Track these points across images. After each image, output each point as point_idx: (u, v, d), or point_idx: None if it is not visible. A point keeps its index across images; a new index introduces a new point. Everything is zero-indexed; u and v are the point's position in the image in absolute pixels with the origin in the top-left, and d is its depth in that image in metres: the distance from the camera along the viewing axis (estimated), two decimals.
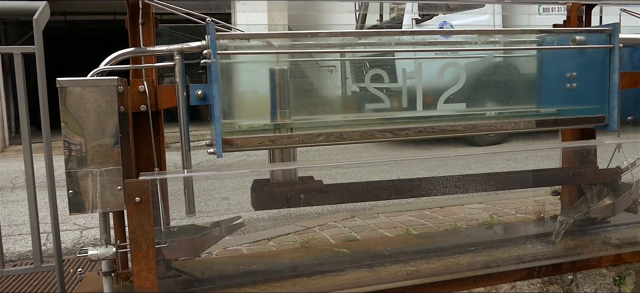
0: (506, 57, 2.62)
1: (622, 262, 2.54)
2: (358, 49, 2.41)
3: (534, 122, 2.50)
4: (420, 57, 2.30)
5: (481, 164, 6.29)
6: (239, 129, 2.14)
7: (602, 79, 2.40)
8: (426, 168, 5.85)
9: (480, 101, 2.41)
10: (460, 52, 2.39)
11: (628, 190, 2.65)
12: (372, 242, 2.81)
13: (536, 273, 2.43)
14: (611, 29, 2.33)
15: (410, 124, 2.21)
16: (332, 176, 5.28)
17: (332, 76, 2.55)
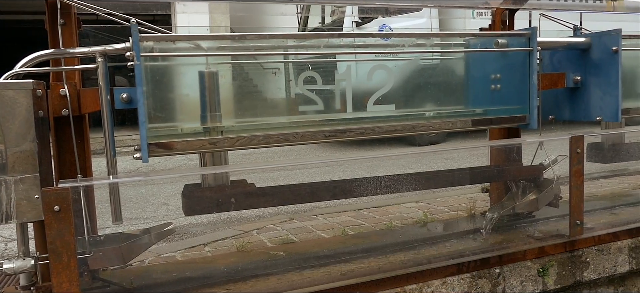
0: (437, 59, 2.70)
1: (545, 254, 2.66)
2: (290, 51, 2.41)
3: (463, 122, 2.59)
4: (360, 59, 2.34)
5: (420, 163, 6.45)
6: (171, 133, 2.10)
7: (523, 81, 2.51)
8: (368, 168, 5.94)
9: (414, 102, 2.47)
10: (399, 55, 2.45)
11: (550, 185, 2.79)
12: (309, 244, 2.82)
13: (466, 269, 2.50)
14: (530, 32, 2.45)
15: (347, 126, 2.24)
16: (273, 179, 5.27)
17: (268, 77, 2.54)
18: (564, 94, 2.93)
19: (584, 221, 2.75)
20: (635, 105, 3.10)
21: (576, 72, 2.81)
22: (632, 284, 3.03)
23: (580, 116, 2.84)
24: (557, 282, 2.68)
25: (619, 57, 2.59)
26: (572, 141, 2.58)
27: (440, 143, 8.27)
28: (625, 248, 2.86)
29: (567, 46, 2.78)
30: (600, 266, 2.79)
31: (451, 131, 2.51)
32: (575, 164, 2.61)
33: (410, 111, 2.39)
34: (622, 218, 3.03)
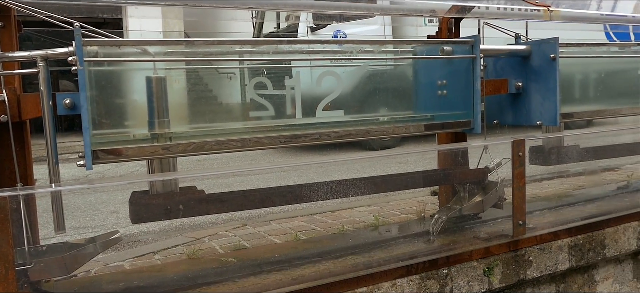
0: (387, 65, 2.76)
1: (490, 254, 2.75)
2: (243, 57, 2.41)
3: (410, 127, 2.66)
4: (315, 65, 2.36)
5: (375, 168, 6.55)
6: (118, 139, 2.06)
7: (467, 87, 2.60)
8: (323, 173, 5.97)
9: (364, 108, 2.51)
10: (352, 61, 2.49)
11: (494, 188, 2.89)
12: (261, 250, 2.81)
13: (415, 270, 2.56)
14: (473, 40, 2.54)
15: (300, 132, 2.25)
16: (228, 185, 5.22)
17: (220, 82, 2.52)
18: (507, 100, 3.04)
19: (526, 222, 2.86)
20: (579, 109, 3.27)
21: (518, 78, 2.92)
22: (573, 281, 3.17)
23: (522, 121, 2.96)
24: (502, 281, 2.78)
25: (556, 64, 2.71)
26: (514, 145, 2.69)
27: (394, 147, 8.41)
28: (565, 246, 2.99)
29: (509, 53, 2.89)
30: (542, 264, 2.91)
31: (398, 135, 2.56)
32: (517, 167, 2.72)
33: (360, 116, 2.43)
34: (562, 218, 3.17)
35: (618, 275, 3.36)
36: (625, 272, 3.40)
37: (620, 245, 3.23)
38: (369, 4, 3.03)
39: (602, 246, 3.15)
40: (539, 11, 2.79)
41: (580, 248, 3.05)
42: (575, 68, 3.25)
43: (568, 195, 3.80)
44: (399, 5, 3.12)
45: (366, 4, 3.00)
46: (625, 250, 3.26)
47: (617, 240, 3.21)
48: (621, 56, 3.26)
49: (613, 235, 3.19)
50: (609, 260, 3.28)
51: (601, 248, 3.15)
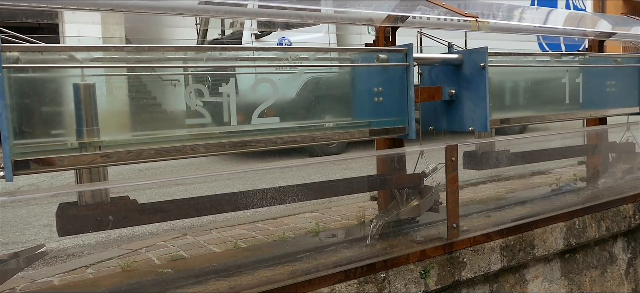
0: (325, 73, 2.79)
1: (426, 256, 2.82)
2: (177, 64, 2.37)
3: (347, 133, 2.70)
4: (259, 72, 2.36)
5: (320, 174, 6.58)
6: (44, 149, 1.97)
7: (402, 94, 2.66)
8: (270, 179, 5.94)
9: (306, 115, 2.53)
10: (294, 68, 2.51)
11: (430, 192, 2.97)
12: (199, 259, 2.77)
13: (353, 275, 2.59)
14: (406, 49, 2.61)
15: (241, 138, 2.24)
16: (171, 194, 5.09)
17: (155, 90, 2.47)
18: (441, 106, 3.14)
19: (460, 224, 2.96)
20: (508, 115, 3.42)
21: (451, 86, 3.03)
22: (505, 280, 3.30)
23: (455, 127, 3.06)
24: (437, 283, 2.85)
25: (486, 73, 2.83)
26: (447, 150, 2.78)
27: (339, 153, 8.48)
28: (497, 247, 3.11)
29: (442, 61, 2.99)
30: (476, 265, 3.01)
31: (336, 142, 2.59)
32: (450, 172, 2.81)
33: (297, 123, 2.44)
34: (494, 220, 3.30)
35: (547, 274, 3.53)
36: (554, 270, 3.57)
37: (549, 244, 3.39)
38: (306, 12, 3.05)
39: (532, 246, 3.29)
40: (468, 22, 2.90)
41: (512, 248, 3.18)
42: (507, 76, 3.40)
43: (501, 198, 3.96)
44: (337, 13, 3.17)
45: (305, 12, 3.02)
46: (553, 249, 3.43)
47: (545, 240, 3.36)
48: (546, 66, 3.44)
49: (542, 235, 3.35)
50: (539, 260, 3.43)
51: (531, 248, 3.29)
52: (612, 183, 4.08)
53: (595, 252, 3.86)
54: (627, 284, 4.07)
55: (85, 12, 8.88)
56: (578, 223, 3.58)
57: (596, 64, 3.67)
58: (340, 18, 3.23)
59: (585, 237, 3.64)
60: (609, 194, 3.90)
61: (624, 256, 4.06)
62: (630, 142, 4.12)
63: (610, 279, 3.95)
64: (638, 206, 3.99)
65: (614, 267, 3.99)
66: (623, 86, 3.88)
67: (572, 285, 3.68)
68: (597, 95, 3.72)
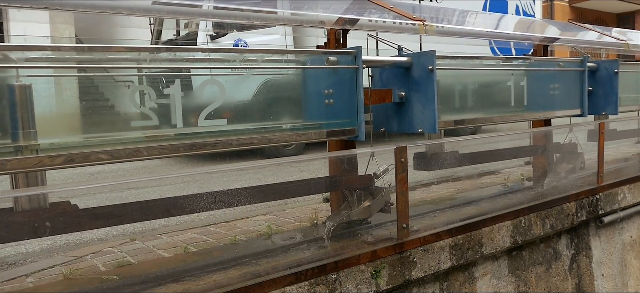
0: (276, 74, 2.78)
1: (377, 257, 2.85)
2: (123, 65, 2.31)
3: (298, 135, 2.69)
4: (216, 73, 2.32)
5: (276, 176, 6.55)
6: None
7: (351, 96, 2.68)
8: (226, 182, 5.85)
9: (255, 116, 2.51)
10: (255, 69, 2.49)
11: (381, 193, 3.00)
12: (147, 265, 2.70)
13: (304, 277, 2.58)
14: (355, 51, 2.63)
15: (181, 141, 2.20)
16: (123, 198, 4.95)
17: (99, 91, 2.40)
18: (392, 109, 3.18)
19: (410, 224, 3.00)
20: (458, 117, 3.49)
21: (401, 88, 3.07)
22: (455, 279, 3.37)
23: (405, 129, 3.11)
24: (388, 283, 2.89)
25: (434, 75, 2.88)
26: (397, 152, 2.82)
27: (299, 154, 8.47)
28: (447, 246, 3.18)
29: (392, 64, 3.03)
30: (426, 264, 3.06)
31: (284, 143, 2.59)
32: (400, 173, 2.85)
33: (245, 125, 2.42)
34: (443, 219, 3.36)
35: (495, 271, 3.63)
36: (501, 267, 3.67)
37: (496, 242, 3.48)
38: (263, 14, 3.03)
39: (480, 244, 3.38)
40: (415, 25, 2.96)
41: (460, 247, 3.25)
42: (456, 79, 3.48)
43: (452, 198, 4.05)
44: (288, 16, 3.16)
45: (261, 14, 2.99)
46: (500, 247, 3.53)
47: (493, 238, 3.46)
48: (491, 69, 3.55)
49: (489, 233, 3.44)
50: (487, 257, 3.52)
51: (479, 247, 3.38)
52: (556, 182, 4.24)
53: (541, 249, 3.99)
54: (571, 279, 4.24)
55: (31, 11, 8.55)
56: (524, 222, 3.70)
57: (539, 68, 3.81)
58: (293, 20, 3.22)
59: (531, 235, 3.76)
60: (553, 193, 4.05)
61: (567, 252, 4.22)
62: (573, 143, 4.29)
63: (555, 275, 4.10)
64: (580, 204, 4.16)
65: (558, 263, 4.14)
66: (566, 89, 4.04)
67: (518, 281, 3.80)
68: (542, 98, 3.85)
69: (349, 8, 3.01)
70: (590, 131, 4.42)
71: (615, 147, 6.16)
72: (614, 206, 4.52)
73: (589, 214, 4.27)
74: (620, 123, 5.35)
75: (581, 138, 4.48)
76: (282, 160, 6.77)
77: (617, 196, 4.53)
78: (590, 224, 4.41)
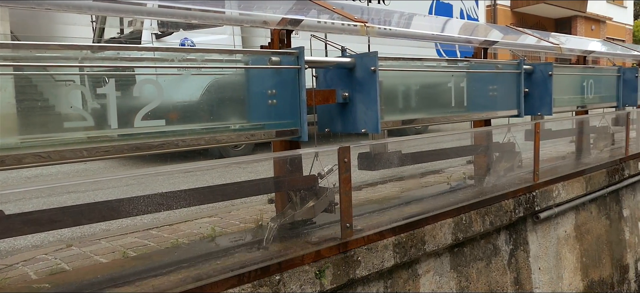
0: (218, 74, 2.73)
1: (321, 257, 2.86)
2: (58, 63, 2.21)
3: (240, 135, 2.67)
4: (154, 73, 2.26)
5: (224, 177, 6.46)
6: None
7: (294, 96, 2.68)
8: (173, 184, 5.71)
9: (196, 117, 2.46)
10: (196, 69, 2.44)
11: (325, 193, 3.02)
12: (82, 272, 2.60)
13: (247, 279, 2.56)
14: (298, 51, 2.63)
15: (117, 143, 2.12)
16: (62, 203, 4.74)
17: (31, 90, 2.28)
18: (336, 109, 3.20)
19: (354, 224, 3.03)
20: (401, 118, 3.55)
21: (345, 89, 3.09)
22: (399, 276, 3.43)
23: (349, 129, 3.13)
24: (332, 282, 2.90)
25: (376, 76, 2.92)
26: (340, 152, 2.84)
27: (249, 154, 8.39)
28: (390, 245, 3.23)
29: (335, 65, 3.05)
30: (370, 263, 3.10)
31: (229, 144, 2.56)
32: (343, 173, 2.88)
33: (186, 126, 2.37)
34: (387, 219, 3.42)
35: (438, 268, 3.72)
36: (444, 264, 3.77)
37: (438, 240, 3.57)
38: (210, 14, 2.97)
39: (423, 242, 3.45)
40: (357, 26, 2.99)
41: (404, 245, 3.31)
42: (400, 80, 3.55)
43: (396, 197, 4.12)
44: (236, 16, 3.12)
45: (209, 13, 2.94)
46: (442, 244, 3.62)
47: (435, 236, 3.54)
48: (432, 70, 3.63)
49: (431, 231, 3.52)
50: (430, 255, 3.61)
51: (422, 244, 3.45)
52: (496, 180, 4.39)
53: (481, 245, 4.13)
54: (510, 273, 4.40)
55: None
56: (465, 219, 3.81)
57: (478, 70, 3.94)
58: (238, 20, 3.18)
59: (472, 232, 3.88)
60: (493, 191, 4.19)
61: (506, 247, 4.38)
62: (511, 142, 4.46)
63: (494, 270, 4.25)
64: (518, 201, 4.33)
65: (497, 258, 4.29)
66: (504, 91, 4.19)
67: (460, 277, 3.91)
68: (481, 99, 3.98)
69: (292, 8, 3.01)
70: (527, 130, 4.61)
71: (552, 146, 6.45)
72: (549, 203, 4.73)
73: (526, 210, 4.45)
74: (555, 123, 5.61)
75: (519, 137, 4.66)
76: (227, 161, 6.69)
77: (552, 193, 4.75)
78: (527, 220, 4.60)
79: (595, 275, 5.54)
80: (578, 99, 5.27)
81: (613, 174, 5.72)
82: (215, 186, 2.58)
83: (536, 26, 23.94)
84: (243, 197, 3.02)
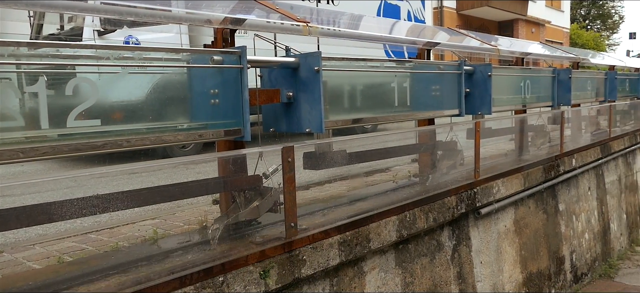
0: (159, 73, 2.67)
1: (266, 257, 2.85)
2: None
3: (184, 135, 2.62)
4: (95, 72, 2.18)
5: (172, 178, 6.33)
6: None
7: (237, 96, 2.66)
8: (117, 185, 5.53)
9: (136, 117, 2.40)
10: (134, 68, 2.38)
11: (269, 193, 3.01)
12: (12, 279, 2.47)
13: (188, 281, 2.52)
14: (240, 51, 2.61)
15: (48, 143, 2.04)
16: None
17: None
18: (281, 109, 3.20)
19: (299, 223, 3.04)
20: (345, 117, 3.59)
21: (289, 88, 3.10)
22: (344, 274, 3.47)
23: (294, 128, 3.14)
24: (278, 282, 2.90)
25: (320, 76, 2.94)
26: (284, 152, 2.84)
27: (198, 154, 8.25)
28: (336, 243, 3.26)
29: (279, 65, 3.05)
30: (315, 262, 3.12)
31: (170, 144, 2.51)
32: (287, 172, 2.88)
33: (124, 126, 2.31)
34: (333, 217, 3.45)
35: (383, 264, 3.79)
36: (389, 260, 3.84)
37: (383, 237, 3.64)
38: (157, 11, 2.89)
39: (368, 240, 3.51)
40: (299, 26, 3.00)
41: (349, 243, 3.35)
42: (345, 80, 3.58)
43: (343, 196, 4.16)
44: (179, 14, 3.06)
45: (155, 11, 2.86)
46: (387, 241, 3.68)
47: (380, 233, 3.60)
48: (375, 71, 3.69)
49: (376, 229, 3.58)
50: (375, 252, 3.67)
51: (367, 242, 3.50)
52: (439, 178, 4.52)
53: (425, 241, 4.23)
54: (453, 268, 4.53)
55: None
56: (409, 216, 3.90)
57: (421, 70, 4.04)
58: (182, 18, 3.12)
59: (416, 228, 3.97)
60: (436, 188, 4.31)
61: (449, 243, 4.51)
62: (454, 141, 4.59)
63: (438, 265, 4.36)
64: (460, 197, 4.47)
65: (441, 254, 4.41)
66: (446, 91, 4.31)
67: (405, 273, 4.00)
68: (424, 98, 4.09)
69: (235, 8, 2.98)
70: (468, 129, 4.76)
71: (493, 144, 6.70)
72: (490, 199, 4.91)
73: (468, 207, 4.60)
74: (496, 122, 5.82)
75: (462, 136, 4.81)
76: (172, 161, 6.57)
77: (492, 189, 4.93)
78: (469, 216, 4.75)
79: (533, 267, 5.79)
80: (516, 99, 5.50)
81: (549, 170, 5.99)
82: (156, 187, 2.52)
83: (480, 28, 24.76)
84: (186, 198, 2.97)
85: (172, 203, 4.24)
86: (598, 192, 7.67)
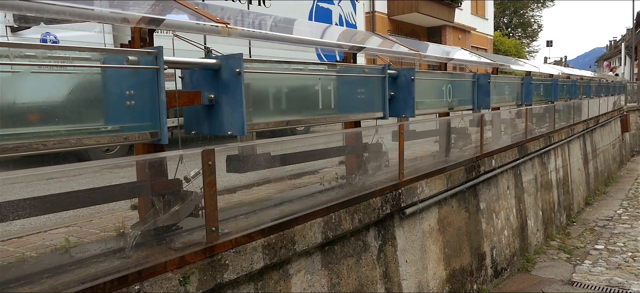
0: (71, 73, 2.54)
1: (186, 263, 2.79)
2: None
3: (97, 138, 2.51)
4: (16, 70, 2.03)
5: (94, 183, 6.04)
6: None
7: (153, 98, 2.58)
8: (32, 191, 5.19)
9: (40, 120, 2.27)
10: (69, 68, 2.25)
11: (190, 197, 2.94)
12: None
13: (101, 290, 2.41)
14: (156, 51, 2.54)
15: None
16: None
17: None
18: (203, 111, 3.14)
19: (221, 227, 2.99)
20: (270, 119, 3.57)
21: (211, 90, 3.04)
22: (269, 277, 3.45)
23: (216, 131, 3.09)
24: (198, 288, 2.84)
25: (242, 78, 2.91)
26: (204, 155, 2.78)
27: (122, 155, 7.93)
28: (260, 246, 3.24)
29: (201, 66, 2.99)
30: (238, 266, 3.08)
31: (85, 147, 2.40)
32: (207, 176, 2.83)
33: (27, 129, 2.18)
34: (257, 220, 3.42)
35: (309, 266, 3.80)
36: (315, 262, 3.86)
37: (308, 239, 3.65)
38: (78, 10, 2.73)
39: (293, 242, 3.51)
40: (218, 27, 2.96)
41: (273, 246, 3.33)
42: (269, 83, 3.56)
43: (269, 199, 4.14)
44: (103, 13, 2.92)
45: (77, 10, 2.70)
46: (312, 243, 3.70)
47: (305, 235, 3.62)
48: (299, 73, 3.71)
49: (301, 231, 3.59)
50: (300, 254, 3.68)
51: (292, 245, 3.50)
52: (365, 179, 4.60)
53: (351, 242, 4.29)
54: (379, 267, 4.63)
55: None
56: (334, 218, 3.94)
57: (345, 74, 4.10)
58: (101, 17, 2.97)
59: (342, 230, 4.02)
60: (361, 189, 4.38)
61: (375, 243, 4.60)
62: (379, 143, 4.70)
63: (364, 265, 4.44)
64: (385, 198, 4.57)
65: (367, 254, 4.49)
66: (370, 94, 4.40)
67: (331, 274, 4.04)
68: (349, 101, 4.15)
69: (154, 7, 2.89)
70: (394, 132, 4.88)
71: (419, 146, 6.91)
72: (414, 199, 5.06)
73: (393, 207, 4.71)
74: (420, 125, 6.01)
75: (387, 138, 4.92)
76: (90, 164, 6.27)
77: (416, 189, 5.08)
78: (394, 216, 4.87)
79: (456, 264, 6.03)
80: (439, 102, 5.70)
81: (470, 170, 6.27)
82: (64, 193, 2.39)
83: (411, 34, 25.55)
84: (99, 204, 2.84)
85: (91, 209, 4.06)
86: (516, 191, 8.11)
